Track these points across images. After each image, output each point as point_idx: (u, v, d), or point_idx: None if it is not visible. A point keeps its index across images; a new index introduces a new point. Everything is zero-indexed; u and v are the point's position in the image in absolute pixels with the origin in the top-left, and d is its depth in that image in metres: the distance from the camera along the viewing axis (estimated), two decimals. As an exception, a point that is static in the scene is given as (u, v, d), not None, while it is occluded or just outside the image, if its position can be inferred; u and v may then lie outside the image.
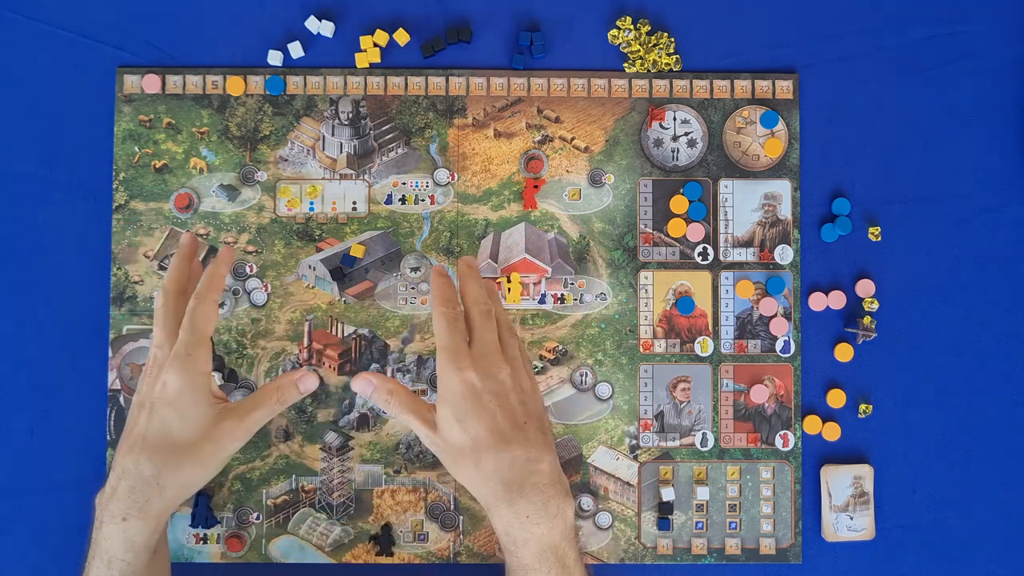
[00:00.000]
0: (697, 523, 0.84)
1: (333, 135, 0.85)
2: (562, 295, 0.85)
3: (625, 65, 0.86)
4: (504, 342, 0.73)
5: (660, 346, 0.85)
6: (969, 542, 0.85)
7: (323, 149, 0.86)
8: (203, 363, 0.71)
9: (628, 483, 0.84)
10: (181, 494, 0.71)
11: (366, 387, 0.72)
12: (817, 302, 0.85)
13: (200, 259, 0.84)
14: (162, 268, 0.84)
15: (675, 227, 0.85)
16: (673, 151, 0.86)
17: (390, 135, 0.86)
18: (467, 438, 0.69)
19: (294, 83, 0.85)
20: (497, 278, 0.85)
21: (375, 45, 0.85)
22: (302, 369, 0.75)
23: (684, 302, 0.85)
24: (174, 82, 0.85)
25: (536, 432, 0.70)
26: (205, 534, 0.83)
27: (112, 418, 0.84)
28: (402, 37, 0.85)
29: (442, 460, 0.71)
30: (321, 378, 0.80)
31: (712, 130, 0.86)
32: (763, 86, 0.86)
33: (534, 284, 0.85)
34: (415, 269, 0.85)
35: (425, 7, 0.86)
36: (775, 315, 0.85)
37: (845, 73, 0.86)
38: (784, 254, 0.85)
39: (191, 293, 0.73)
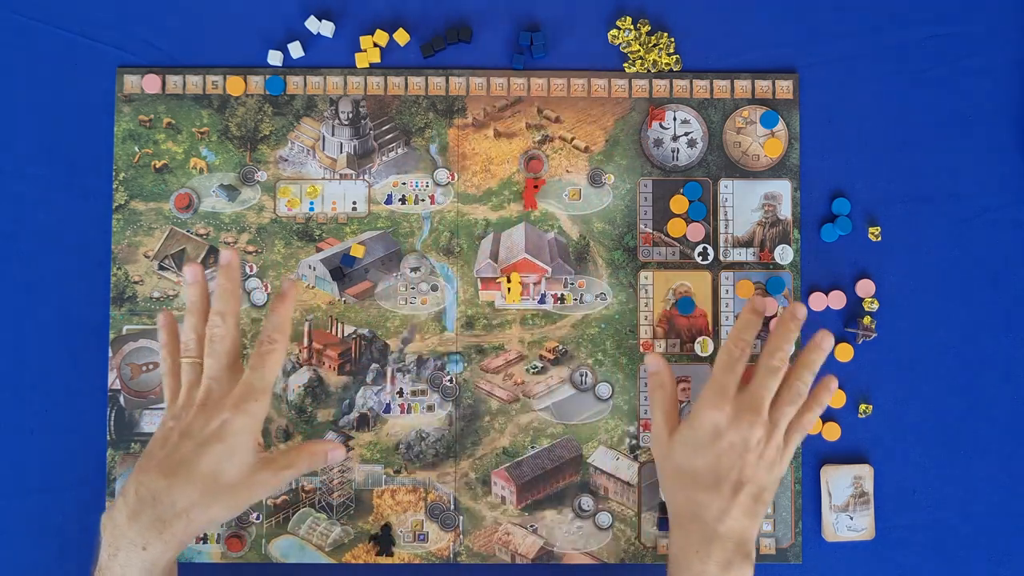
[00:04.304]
0: (697, 523, 0.84)
1: (333, 135, 0.85)
2: (562, 295, 0.85)
3: (625, 65, 0.86)
4: (780, 408, 0.75)
5: (660, 346, 0.85)
6: (969, 542, 0.85)
7: (323, 149, 0.86)
8: (265, 409, 0.71)
9: (628, 483, 0.84)
10: (205, 528, 0.70)
11: (652, 364, 0.79)
12: (817, 302, 0.85)
13: (200, 259, 0.84)
14: (163, 268, 0.84)
15: (675, 227, 0.85)
16: (673, 151, 0.86)
17: (390, 135, 0.86)
18: (687, 464, 0.74)
19: (294, 83, 0.85)
20: (497, 278, 0.85)
21: (375, 45, 0.86)
22: (334, 442, 0.77)
23: (684, 302, 0.85)
24: (174, 82, 0.85)
25: (748, 497, 0.73)
26: (205, 534, 0.83)
27: (112, 418, 0.84)
28: (402, 37, 0.85)
29: (656, 460, 0.78)
30: (348, 447, 0.83)
31: (712, 130, 0.86)
32: (763, 86, 0.86)
33: (534, 284, 0.85)
34: (415, 269, 0.85)
35: (425, 7, 0.86)
36: (775, 315, 0.85)
37: (845, 73, 0.86)
38: (784, 254, 0.85)
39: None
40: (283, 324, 0.72)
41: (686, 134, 0.86)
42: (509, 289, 0.85)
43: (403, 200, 0.85)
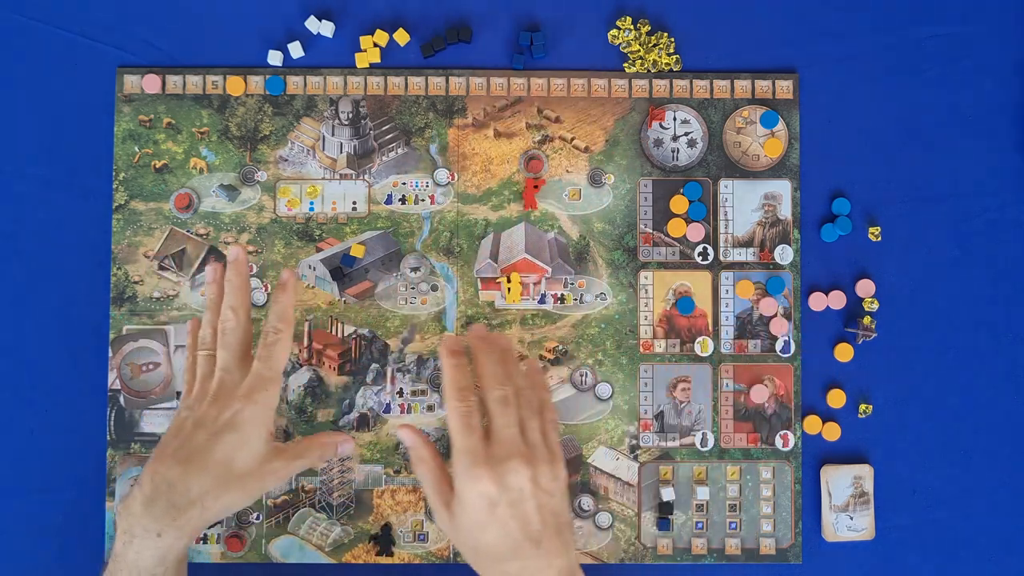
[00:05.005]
0: (697, 523, 0.84)
1: (333, 135, 0.85)
2: (562, 295, 0.85)
3: (625, 65, 0.86)
4: (525, 427, 0.68)
5: (660, 346, 0.85)
6: (969, 542, 0.85)
7: (323, 149, 0.86)
8: (275, 398, 0.72)
9: (628, 483, 0.84)
10: (219, 515, 0.71)
11: (406, 439, 0.72)
12: (817, 302, 0.85)
13: (200, 259, 0.84)
14: (163, 268, 0.84)
15: (675, 227, 0.85)
16: (673, 151, 0.86)
17: (390, 135, 0.86)
18: (480, 543, 0.67)
19: (294, 83, 0.85)
20: (497, 278, 0.85)
21: (375, 45, 0.85)
22: (344, 434, 0.76)
23: (684, 302, 0.85)
24: (174, 82, 0.85)
25: (551, 537, 0.67)
26: (205, 534, 0.83)
27: (112, 418, 0.84)
28: (402, 37, 0.85)
29: (451, 539, 0.73)
30: (353, 438, 0.83)
31: (712, 130, 0.86)
32: (763, 86, 0.86)
33: (534, 284, 0.85)
34: (415, 269, 0.85)
35: (425, 7, 0.86)
36: (775, 315, 0.85)
37: (845, 73, 0.86)
38: (784, 254, 0.85)
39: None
40: (286, 313, 0.74)
41: (686, 134, 0.86)
42: (509, 289, 0.85)
43: (403, 200, 0.85)
